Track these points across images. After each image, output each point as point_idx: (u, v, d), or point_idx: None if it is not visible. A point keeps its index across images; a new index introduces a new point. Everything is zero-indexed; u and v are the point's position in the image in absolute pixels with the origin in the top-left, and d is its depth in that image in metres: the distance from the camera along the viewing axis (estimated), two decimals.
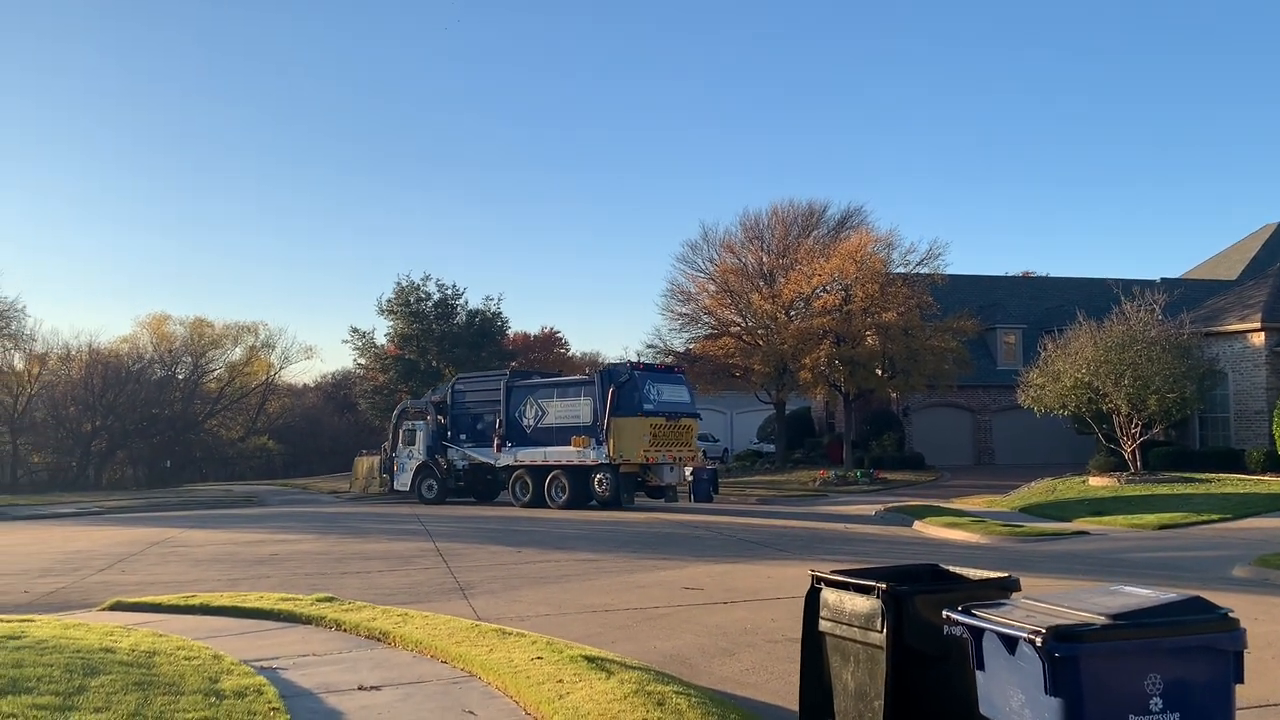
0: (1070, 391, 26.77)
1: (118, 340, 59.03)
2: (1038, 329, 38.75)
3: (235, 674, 7.00)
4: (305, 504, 33.51)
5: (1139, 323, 26.67)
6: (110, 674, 6.72)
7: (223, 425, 62.87)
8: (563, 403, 28.71)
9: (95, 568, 15.29)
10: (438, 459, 31.59)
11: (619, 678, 6.63)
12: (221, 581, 13.45)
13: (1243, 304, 30.80)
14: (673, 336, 46.22)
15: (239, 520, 25.14)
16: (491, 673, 7.14)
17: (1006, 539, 18.22)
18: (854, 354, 36.17)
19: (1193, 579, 12.46)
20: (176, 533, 21.17)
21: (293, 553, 16.85)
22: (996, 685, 4.39)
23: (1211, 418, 30.18)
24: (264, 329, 63.26)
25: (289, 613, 9.89)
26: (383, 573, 14.14)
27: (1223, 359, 29.35)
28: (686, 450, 28.30)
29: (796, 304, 40.15)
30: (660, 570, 13.85)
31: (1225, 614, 4.24)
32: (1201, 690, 4.13)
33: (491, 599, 11.55)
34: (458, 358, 45.79)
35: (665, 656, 8.26)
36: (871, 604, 5.25)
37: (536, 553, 16.34)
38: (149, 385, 55.28)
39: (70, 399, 52.09)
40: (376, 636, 8.78)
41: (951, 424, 42.63)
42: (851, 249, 37.31)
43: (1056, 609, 4.30)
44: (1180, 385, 25.64)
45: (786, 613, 9.72)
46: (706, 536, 19.01)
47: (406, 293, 48.29)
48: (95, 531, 22.22)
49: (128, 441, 54.14)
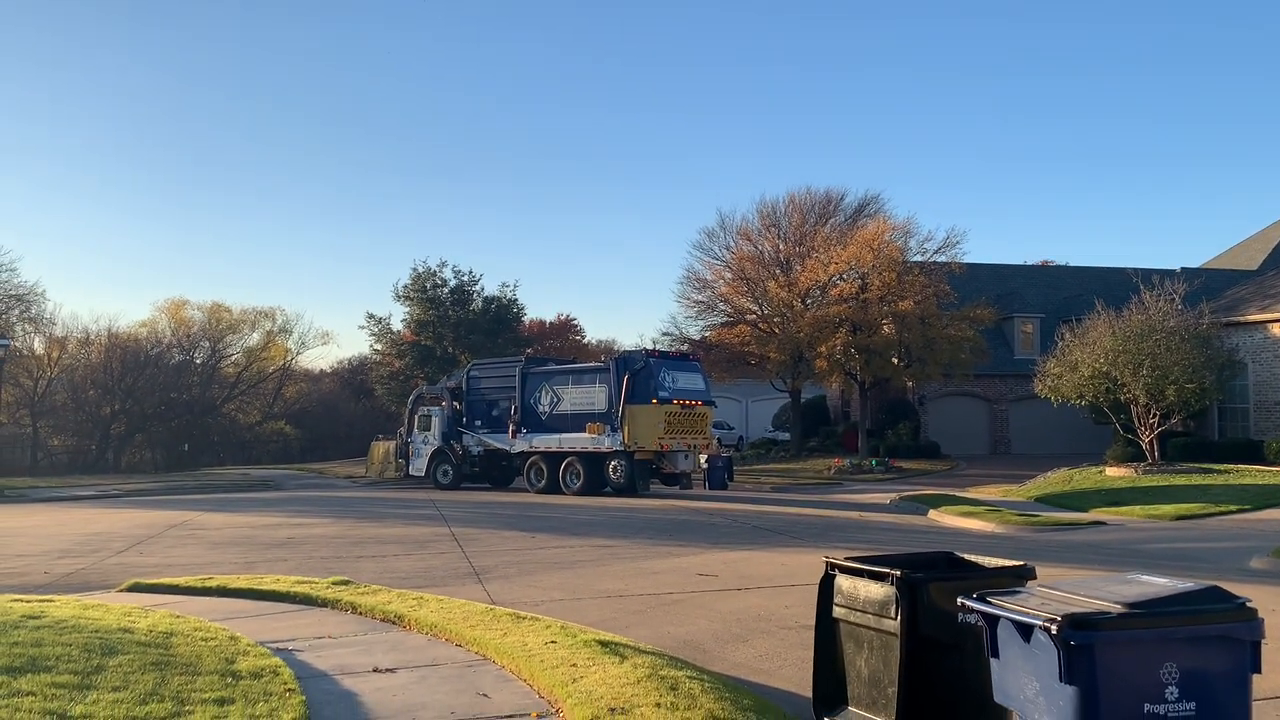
0: (1088, 381, 26.61)
1: (136, 325, 59.26)
2: (1055, 318, 38.53)
3: (251, 655, 7.05)
4: (321, 488, 33.68)
5: (1158, 312, 26.48)
6: (128, 654, 6.77)
7: (240, 410, 63.15)
8: (578, 389, 28.71)
9: (114, 549, 15.42)
10: (453, 444, 31.67)
11: (632, 662, 6.64)
12: (238, 564, 13.53)
13: (1264, 294, 30.52)
14: (689, 324, 46.22)
15: (256, 504, 25.29)
16: (506, 656, 7.17)
17: (1022, 528, 18.16)
18: (870, 342, 36.06)
19: (1210, 570, 12.39)
20: (194, 516, 21.31)
21: (309, 536, 16.95)
22: (1011, 673, 4.38)
23: (1230, 408, 29.96)
24: (281, 314, 63.42)
25: (305, 595, 9.95)
26: (398, 557, 14.21)
27: (1243, 349, 29.11)
28: (701, 438, 28.29)
29: (813, 292, 40.04)
30: (674, 557, 13.87)
31: (1243, 603, 4.22)
32: (1218, 680, 4.11)
33: (506, 584, 11.59)
34: (474, 344, 45.88)
35: (679, 642, 8.27)
36: (886, 591, 5.25)
37: (551, 538, 16.38)
38: (167, 369, 55.53)
39: (89, 382, 52.37)
40: (392, 620, 8.82)
41: (968, 413, 42.48)
42: (868, 237, 37.15)
43: (1072, 597, 4.28)
44: (1199, 376, 25.45)
45: (800, 599, 9.72)
46: (721, 524, 19.02)
47: (423, 279, 48.38)
48: (114, 514, 22.39)
49: (146, 425, 54.42)
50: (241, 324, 61.81)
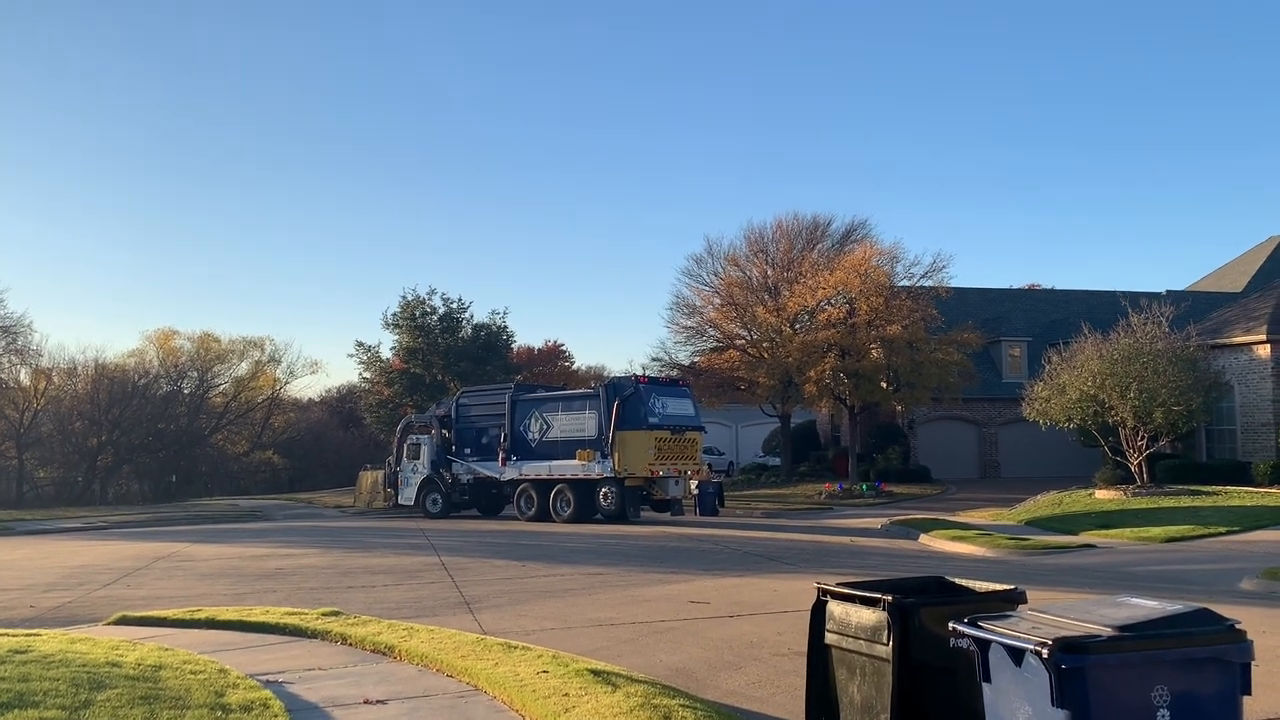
0: (1076, 404, 26.72)
1: (124, 355, 59.04)
2: (1043, 341, 38.69)
3: (241, 688, 7.00)
4: (310, 518, 33.50)
5: (1145, 335, 26.63)
6: (116, 688, 6.72)
7: (228, 440, 62.88)
8: (567, 416, 28.67)
9: (101, 582, 15.29)
10: (442, 473, 31.55)
11: (625, 691, 6.62)
12: (227, 596, 13.44)
13: (1248, 316, 30.75)
14: (678, 349, 46.23)
15: (244, 535, 25.13)
16: (497, 686, 7.13)
17: (1012, 552, 18.17)
18: (859, 367, 36.15)
19: (1200, 592, 12.41)
20: (182, 547, 21.17)
21: (298, 567, 16.84)
22: (1003, 698, 4.38)
23: (1218, 430, 30.10)
24: (270, 343, 63.30)
25: (294, 627, 9.89)
26: (388, 587, 14.13)
27: (1229, 371, 29.28)
28: (692, 463, 28.24)
29: (801, 317, 40.15)
30: (665, 584, 13.83)
31: (1232, 625, 4.24)
32: (1208, 702, 4.12)
33: (497, 613, 11.54)
34: (463, 371, 45.85)
35: (671, 670, 8.25)
36: (878, 616, 5.25)
37: (541, 567, 16.32)
38: (155, 400, 55.31)
39: (76, 414, 52.14)
40: (382, 651, 8.77)
41: (957, 437, 42.57)
42: (855, 262, 37.33)
43: (1063, 621, 4.29)
44: (1187, 398, 25.59)
45: (792, 626, 9.70)
46: (712, 550, 18.98)
47: (412, 307, 48.40)
48: (101, 546, 22.22)
49: (133, 456, 54.15)
50: (230, 353, 61.66)
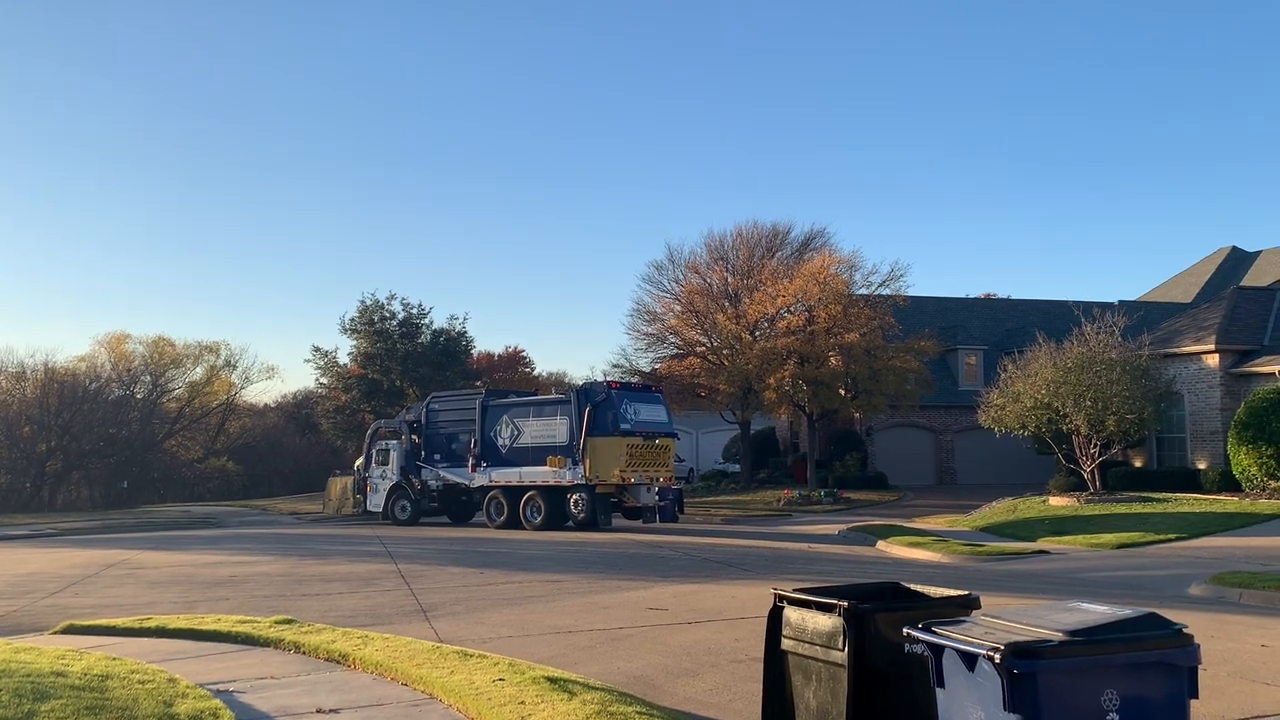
0: (1030, 412, 27.07)
1: (75, 359, 58.00)
2: (998, 350, 39.21)
3: (191, 697, 6.88)
4: (265, 525, 33.07)
5: (1098, 344, 27.05)
6: (61, 698, 6.57)
7: (181, 446, 61.96)
8: (539, 422, 28.38)
9: (48, 591, 14.98)
10: (411, 479, 31.14)
11: (581, 699, 6.59)
12: (179, 604, 13.23)
13: (1198, 326, 31.31)
14: (639, 356, 46.26)
15: (197, 542, 24.75)
16: (453, 695, 7.07)
17: (968, 558, 18.35)
18: (817, 374, 36.37)
19: (1150, 597, 12.61)
20: (132, 554, 20.80)
21: (252, 574, 16.62)
22: (956, 703, 4.41)
23: (1168, 438, 30.61)
24: (226, 348, 62.47)
25: (247, 635, 9.75)
26: (343, 595, 13.98)
27: (1179, 380, 29.80)
28: (664, 471, 27.96)
29: (761, 324, 40.35)
30: (625, 591, 13.81)
31: (1179, 630, 4.30)
32: (1157, 705, 4.18)
33: (454, 621, 11.45)
34: (422, 377, 45.55)
35: (629, 677, 8.22)
36: (833, 622, 5.27)
37: (501, 574, 16.23)
38: (106, 405, 54.34)
39: (25, 418, 51.08)
40: (336, 659, 8.66)
41: (914, 444, 42.96)
42: (814, 270, 37.60)
43: (1015, 626, 4.33)
44: (1139, 406, 26.00)
45: (750, 632, 9.71)
46: (672, 557, 18.98)
47: (370, 311, 48.04)
48: (48, 554, 21.78)
49: (84, 462, 53.16)
50: (185, 358, 60.80)
